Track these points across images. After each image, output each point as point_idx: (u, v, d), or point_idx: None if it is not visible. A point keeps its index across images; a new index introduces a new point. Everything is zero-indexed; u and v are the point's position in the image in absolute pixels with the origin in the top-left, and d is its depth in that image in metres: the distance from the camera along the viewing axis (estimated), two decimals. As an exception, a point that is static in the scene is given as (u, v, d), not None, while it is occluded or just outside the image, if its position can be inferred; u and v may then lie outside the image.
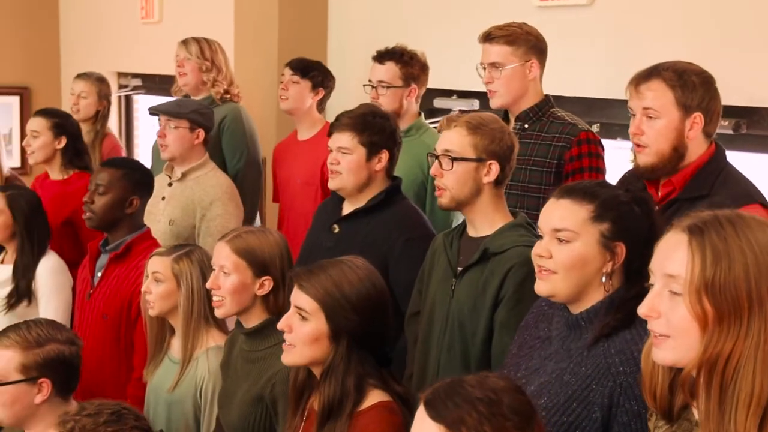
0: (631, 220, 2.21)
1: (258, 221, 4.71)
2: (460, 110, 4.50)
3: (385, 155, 3.23)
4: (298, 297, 2.36)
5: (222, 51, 4.74)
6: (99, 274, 3.60)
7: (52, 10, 7.57)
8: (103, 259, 3.62)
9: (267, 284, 2.80)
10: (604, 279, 2.18)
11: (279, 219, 4.54)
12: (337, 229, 3.28)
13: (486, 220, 2.77)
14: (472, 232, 2.81)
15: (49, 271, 3.93)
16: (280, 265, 2.81)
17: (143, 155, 6.52)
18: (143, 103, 7.19)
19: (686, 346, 1.64)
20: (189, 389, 2.99)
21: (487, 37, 3.35)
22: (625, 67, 3.64)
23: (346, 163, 3.21)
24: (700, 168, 2.62)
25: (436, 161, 2.77)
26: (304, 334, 2.34)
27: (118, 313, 3.50)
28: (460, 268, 2.76)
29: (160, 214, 4.05)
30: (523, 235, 2.70)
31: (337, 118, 3.31)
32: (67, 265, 4.02)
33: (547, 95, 3.41)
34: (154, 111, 4.18)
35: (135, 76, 6.96)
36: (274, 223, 4.74)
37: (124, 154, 5.20)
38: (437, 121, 4.53)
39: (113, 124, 7.23)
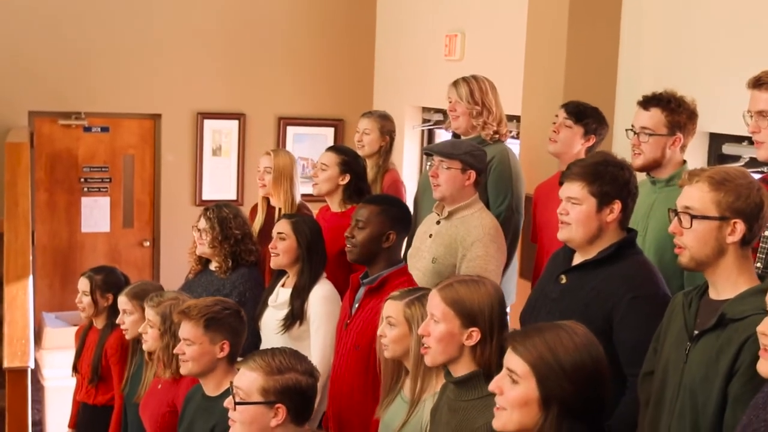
0: None
1: (516, 263, 4.65)
2: (751, 157, 4.23)
3: (617, 206, 3.08)
4: (511, 359, 2.30)
5: (492, 89, 4.73)
6: (356, 305, 3.75)
7: (369, 49, 8.02)
8: (362, 292, 3.77)
9: (474, 335, 2.76)
10: None
11: (536, 261, 4.46)
12: (564, 280, 3.16)
13: (729, 283, 2.56)
14: (713, 294, 2.62)
15: (322, 298, 4.13)
16: (490, 317, 2.76)
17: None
18: (444, 136, 7.40)
19: None
20: (415, 430, 3.01)
21: (757, 83, 3.07)
22: None
23: (575, 214, 3.08)
24: None
25: (676, 218, 2.60)
26: (513, 397, 2.27)
27: (368, 344, 3.62)
28: (696, 332, 2.58)
29: (426, 251, 4.11)
30: (768, 302, 2.47)
31: (569, 167, 3.20)
32: (340, 294, 4.19)
33: None
34: (428, 151, 4.27)
35: (437, 111, 7.17)
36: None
37: (403, 188, 5.32)
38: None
39: (414, 156, 7.52)
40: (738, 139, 4.32)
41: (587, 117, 4.33)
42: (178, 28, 7.47)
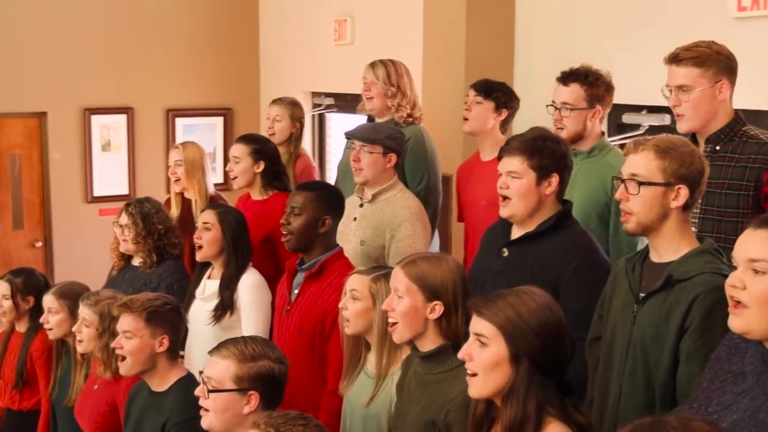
0: None
1: (437, 241, 4.78)
2: (650, 125, 4.46)
3: (555, 179, 3.20)
4: (477, 324, 2.40)
5: (407, 73, 4.84)
6: (296, 292, 3.79)
7: (253, 37, 8.00)
8: (300, 277, 3.81)
9: (438, 309, 2.83)
10: None
11: (465, 239, 4.60)
12: (506, 253, 3.27)
13: (671, 246, 2.70)
14: (655, 257, 2.75)
15: (251, 286, 4.16)
16: (453, 290, 2.84)
17: (335, 170, 6.78)
18: (335, 120, 7.48)
19: None
20: (384, 404, 3.08)
21: (674, 59, 3.21)
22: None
23: (516, 188, 3.19)
24: None
25: (622, 185, 2.72)
26: (484, 360, 2.37)
27: (312, 328, 3.68)
28: (642, 294, 2.72)
29: (351, 235, 4.19)
30: (710, 262, 2.62)
31: (507, 142, 3.31)
32: (268, 282, 4.23)
33: (737, 114, 3.26)
34: (349, 136, 4.34)
35: (328, 95, 7.23)
36: (460, 242, 4.81)
37: (316, 173, 5.40)
38: (626, 137, 4.54)
39: (307, 141, 7.56)
40: (637, 109, 4.54)
41: (496, 91, 4.50)
42: (59, 23, 7.25)
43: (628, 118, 4.59)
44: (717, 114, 3.21)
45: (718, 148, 3.22)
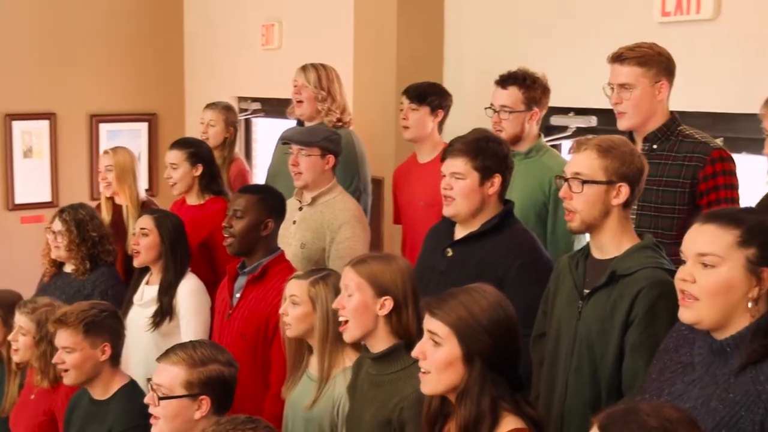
0: None
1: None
2: (578, 127, 4.56)
3: (497, 179, 3.26)
4: (430, 323, 2.43)
5: (338, 78, 4.87)
6: (237, 296, 3.78)
7: (178, 42, 7.91)
8: (241, 281, 3.81)
9: (388, 304, 2.85)
10: (750, 305, 2.18)
11: (402, 241, 4.63)
12: (450, 253, 3.31)
13: (613, 243, 2.78)
14: (597, 254, 2.82)
15: (190, 292, 4.13)
16: (402, 286, 2.87)
17: (262, 175, 6.76)
18: (262, 125, 7.46)
19: None
20: (326, 407, 3.09)
21: (618, 58, 3.32)
22: (751, 80, 3.66)
23: (459, 189, 3.24)
24: None
25: (566, 184, 2.79)
26: (438, 359, 2.40)
27: (255, 332, 3.67)
28: (586, 291, 2.78)
29: (291, 238, 4.19)
30: (651, 257, 2.71)
31: (450, 143, 3.36)
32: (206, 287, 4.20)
33: (673, 114, 3.38)
34: (286, 140, 4.34)
35: (255, 100, 7.20)
36: (397, 244, 4.85)
37: (250, 177, 5.38)
38: (554, 139, 4.64)
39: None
40: (564, 111, 4.64)
41: (429, 95, 4.51)
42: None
43: (556, 120, 4.66)
44: (656, 113, 3.34)
45: (655, 146, 3.33)
